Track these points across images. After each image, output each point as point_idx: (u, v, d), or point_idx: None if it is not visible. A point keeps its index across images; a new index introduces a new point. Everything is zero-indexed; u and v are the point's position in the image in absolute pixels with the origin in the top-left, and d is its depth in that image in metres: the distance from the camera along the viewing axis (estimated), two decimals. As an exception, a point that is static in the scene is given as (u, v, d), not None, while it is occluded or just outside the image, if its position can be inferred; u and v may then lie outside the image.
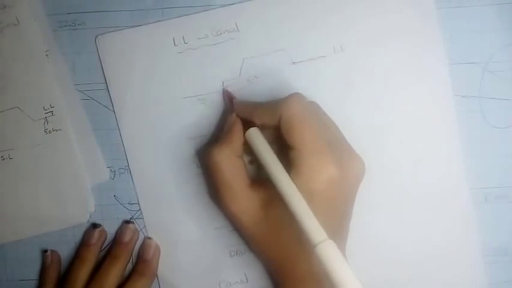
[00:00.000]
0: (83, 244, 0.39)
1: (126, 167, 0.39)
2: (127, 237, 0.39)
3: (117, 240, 0.39)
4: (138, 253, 0.39)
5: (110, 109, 0.39)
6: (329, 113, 0.37)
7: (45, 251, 0.39)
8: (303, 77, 0.39)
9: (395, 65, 0.39)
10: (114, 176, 0.40)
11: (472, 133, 0.39)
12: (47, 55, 0.38)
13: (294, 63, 0.39)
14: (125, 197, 0.40)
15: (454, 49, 0.39)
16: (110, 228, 0.40)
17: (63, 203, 0.39)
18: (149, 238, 0.40)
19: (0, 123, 0.38)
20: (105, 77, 0.39)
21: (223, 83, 0.39)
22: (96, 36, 0.39)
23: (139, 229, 0.40)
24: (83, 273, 0.38)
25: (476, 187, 0.39)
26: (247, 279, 0.40)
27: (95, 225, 0.39)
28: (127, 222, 0.39)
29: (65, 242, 0.40)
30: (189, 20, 0.39)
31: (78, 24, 0.39)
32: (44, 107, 0.38)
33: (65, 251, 0.40)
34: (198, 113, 0.39)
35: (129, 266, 0.39)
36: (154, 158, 0.39)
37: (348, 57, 0.39)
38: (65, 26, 0.39)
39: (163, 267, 0.40)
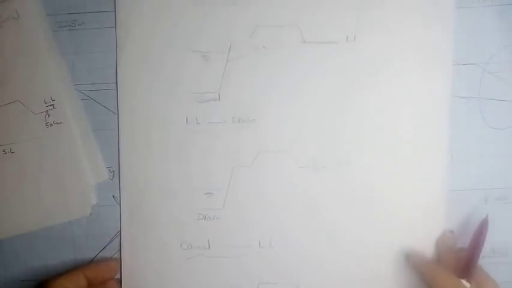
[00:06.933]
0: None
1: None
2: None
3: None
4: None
5: (109, 109, 0.39)
6: (327, 99, 0.38)
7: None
8: (310, 58, 0.39)
9: (403, 64, 0.38)
10: (113, 177, 0.40)
11: (472, 134, 0.39)
12: (47, 50, 0.38)
13: (305, 42, 0.39)
14: (123, 197, 0.40)
15: (454, 50, 0.39)
16: (108, 228, 0.40)
17: (65, 195, 0.39)
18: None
19: (2, 117, 0.38)
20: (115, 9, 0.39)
21: (228, 48, 0.39)
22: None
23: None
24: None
25: (476, 188, 0.39)
26: (209, 246, 0.40)
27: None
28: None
29: (65, 238, 0.40)
30: None
31: (78, 25, 0.39)
32: (44, 100, 0.38)
33: (64, 251, 0.40)
34: (198, 68, 0.39)
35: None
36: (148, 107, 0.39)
37: (358, 48, 0.38)
38: (65, 26, 0.39)
39: (126, 220, 0.39)
